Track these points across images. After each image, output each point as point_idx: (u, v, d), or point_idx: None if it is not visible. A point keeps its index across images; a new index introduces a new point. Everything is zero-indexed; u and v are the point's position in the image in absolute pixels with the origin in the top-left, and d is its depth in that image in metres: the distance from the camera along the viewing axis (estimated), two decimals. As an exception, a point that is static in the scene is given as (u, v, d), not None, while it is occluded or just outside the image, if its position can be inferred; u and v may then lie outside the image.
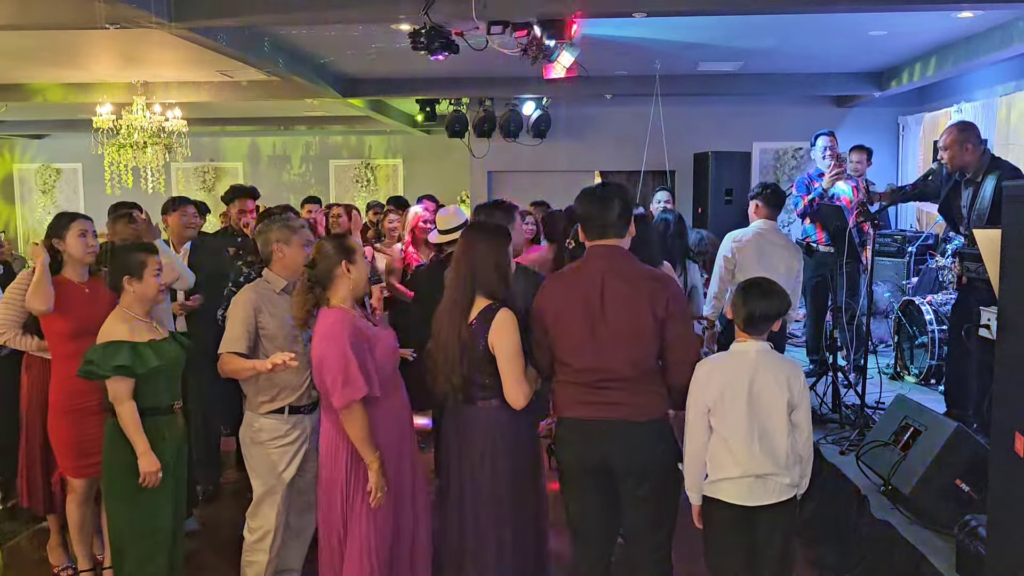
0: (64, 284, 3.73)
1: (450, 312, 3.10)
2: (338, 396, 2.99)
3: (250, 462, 3.47)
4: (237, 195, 5.52)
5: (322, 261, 3.14)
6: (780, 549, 2.90)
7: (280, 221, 3.55)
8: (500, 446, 3.10)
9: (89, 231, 3.80)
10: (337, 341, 3.01)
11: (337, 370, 2.99)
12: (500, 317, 3.02)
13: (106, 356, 3.18)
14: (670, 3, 5.76)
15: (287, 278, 3.46)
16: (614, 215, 2.96)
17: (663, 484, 2.97)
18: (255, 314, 3.35)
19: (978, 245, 3.23)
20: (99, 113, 8.84)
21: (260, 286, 3.46)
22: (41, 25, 5.91)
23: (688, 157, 9.79)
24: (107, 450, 3.31)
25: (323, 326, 3.11)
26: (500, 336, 3.01)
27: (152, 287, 3.34)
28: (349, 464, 3.10)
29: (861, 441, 4.52)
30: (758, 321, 2.87)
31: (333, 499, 3.13)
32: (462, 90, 9.71)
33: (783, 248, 5.22)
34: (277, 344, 3.33)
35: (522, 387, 3.02)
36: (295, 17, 5.85)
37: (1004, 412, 2.63)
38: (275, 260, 3.49)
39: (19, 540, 4.46)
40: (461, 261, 3.12)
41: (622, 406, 2.90)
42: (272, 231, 3.50)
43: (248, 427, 3.44)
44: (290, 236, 3.49)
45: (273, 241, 3.48)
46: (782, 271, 4.92)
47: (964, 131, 4.61)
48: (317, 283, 3.13)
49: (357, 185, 14.09)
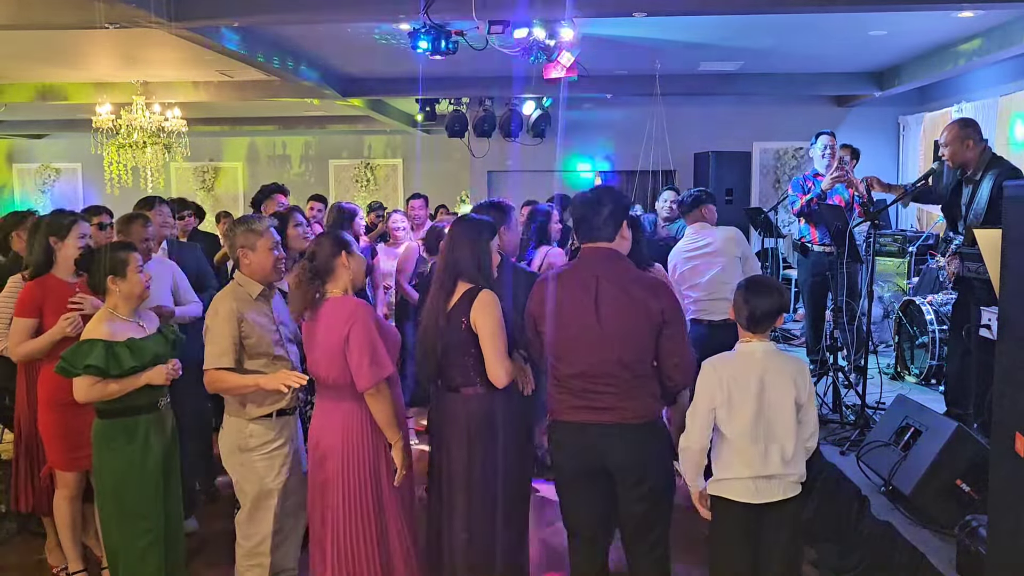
0: (54, 283, 3.71)
1: (434, 299, 3.20)
2: (366, 376, 3.02)
3: (240, 469, 3.37)
4: (268, 194, 5.52)
5: (321, 253, 3.17)
6: (786, 548, 2.90)
7: (244, 226, 3.43)
8: (479, 433, 3.16)
9: (89, 235, 3.79)
10: (363, 323, 3.07)
11: (363, 351, 3.02)
12: (482, 297, 3.12)
13: (79, 355, 3.17)
14: (670, 3, 5.77)
15: (259, 282, 3.39)
16: (601, 218, 2.97)
17: (659, 484, 2.99)
18: (238, 324, 3.27)
19: (978, 245, 3.22)
20: (99, 113, 8.84)
21: (238, 292, 3.37)
22: (41, 25, 5.91)
23: (688, 157, 9.81)
24: (96, 451, 3.30)
25: (342, 312, 3.12)
26: (481, 314, 3.10)
27: (137, 284, 3.31)
28: (372, 456, 3.13)
29: (861, 441, 4.52)
30: (761, 319, 2.87)
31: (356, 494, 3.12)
32: (462, 90, 9.72)
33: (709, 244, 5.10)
34: (261, 351, 3.30)
35: (504, 365, 3.09)
36: (295, 17, 5.85)
37: (1004, 412, 2.62)
38: (243, 266, 3.41)
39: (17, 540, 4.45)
40: (444, 251, 3.24)
41: (616, 410, 2.91)
42: (236, 236, 3.41)
43: (236, 434, 3.35)
44: (255, 241, 3.38)
45: (239, 247, 3.39)
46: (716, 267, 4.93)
47: (965, 128, 4.59)
48: (317, 275, 3.15)
49: (357, 185, 14.09)
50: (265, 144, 14.21)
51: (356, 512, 3.12)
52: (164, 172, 10.12)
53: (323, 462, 3.18)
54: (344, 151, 14.17)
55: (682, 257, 5.10)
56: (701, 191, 5.34)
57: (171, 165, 12.77)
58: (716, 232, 5.10)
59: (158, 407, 3.37)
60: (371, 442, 3.15)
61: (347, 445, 3.13)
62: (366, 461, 3.13)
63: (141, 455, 3.27)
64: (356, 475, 3.12)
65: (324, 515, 3.17)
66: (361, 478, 3.12)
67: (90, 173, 13.79)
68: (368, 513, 3.13)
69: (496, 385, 3.12)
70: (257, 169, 14.01)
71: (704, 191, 5.36)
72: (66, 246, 3.72)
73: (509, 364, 3.12)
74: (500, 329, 3.10)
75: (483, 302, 3.12)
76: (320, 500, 3.20)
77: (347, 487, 3.12)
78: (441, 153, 12.97)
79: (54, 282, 3.72)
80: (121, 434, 3.27)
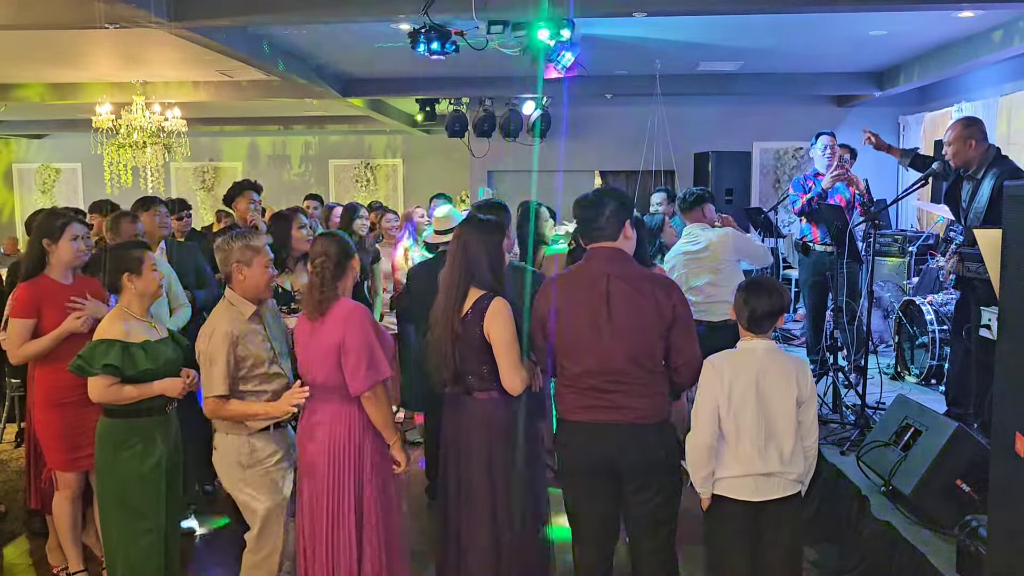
0: (47, 284, 3.69)
1: (445, 305, 3.16)
2: (362, 379, 3.02)
3: (245, 488, 3.26)
4: (242, 190, 5.41)
5: (337, 253, 3.16)
6: (786, 548, 2.90)
7: (242, 241, 3.26)
8: (498, 438, 3.14)
9: (82, 236, 3.75)
10: (360, 325, 3.07)
11: (361, 353, 3.03)
12: (494, 306, 3.08)
13: (97, 354, 3.17)
14: (670, 3, 5.77)
15: (251, 300, 3.26)
16: (603, 219, 2.98)
17: (666, 485, 2.98)
18: (233, 348, 3.16)
19: (978, 245, 3.22)
20: (99, 113, 8.84)
21: (231, 314, 3.23)
22: (41, 25, 5.91)
23: (688, 157, 9.80)
24: (100, 450, 3.30)
25: (339, 313, 3.11)
26: (495, 324, 3.06)
27: (152, 281, 3.34)
28: (355, 462, 3.11)
29: (862, 441, 4.52)
30: (761, 319, 2.88)
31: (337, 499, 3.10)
32: (462, 90, 9.72)
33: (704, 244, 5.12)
34: (257, 372, 3.23)
35: (519, 373, 3.08)
36: (294, 17, 5.85)
37: (1004, 412, 2.62)
38: (235, 281, 3.24)
39: (17, 540, 4.46)
40: (455, 255, 3.18)
41: (625, 409, 2.90)
42: (233, 250, 3.23)
43: (235, 451, 3.23)
44: (252, 257, 3.23)
45: (233, 261, 3.23)
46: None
47: (969, 126, 4.56)
48: (336, 276, 3.14)
49: (357, 185, 14.09)
50: (265, 144, 14.21)
51: (336, 517, 3.09)
52: (164, 172, 10.11)
53: (308, 466, 3.16)
54: (344, 151, 14.16)
55: (681, 259, 5.11)
56: (703, 190, 5.34)
57: (171, 165, 12.78)
58: (712, 234, 5.11)
59: (166, 411, 3.37)
60: (356, 447, 3.11)
61: (332, 450, 3.10)
62: (350, 469, 3.10)
63: (146, 456, 3.27)
64: (339, 482, 3.09)
65: (311, 517, 3.16)
66: (344, 486, 3.09)
67: (90, 173, 13.79)
68: (347, 519, 3.09)
69: (511, 393, 3.10)
70: (257, 169, 14.00)
71: (705, 190, 5.36)
72: (59, 248, 3.69)
73: (524, 373, 3.10)
74: (514, 339, 3.08)
75: (497, 311, 3.07)
76: (304, 503, 3.19)
77: (330, 493, 3.10)
78: (441, 153, 12.97)
79: (48, 283, 3.69)
80: (128, 434, 3.26)
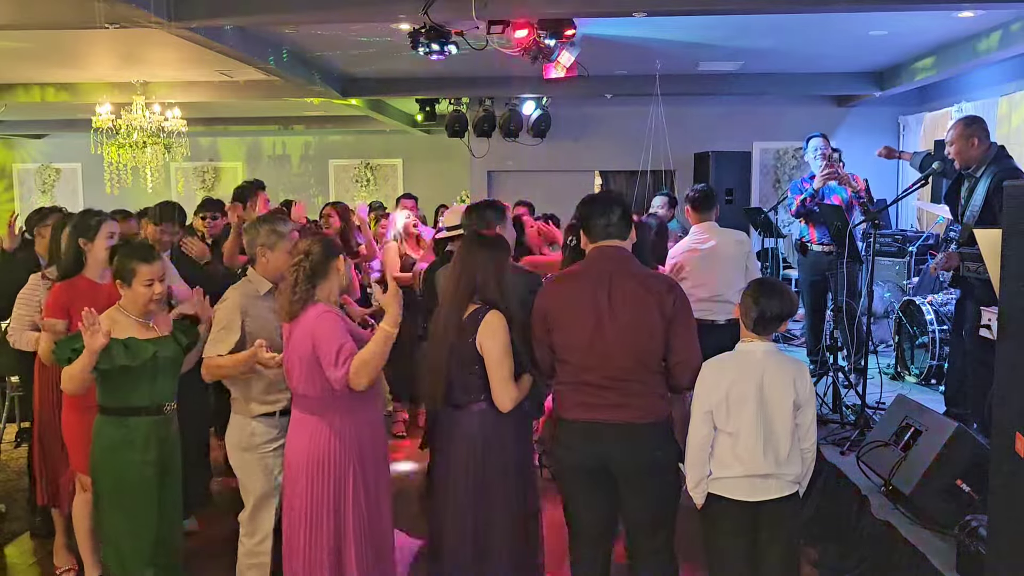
0: (84, 284, 3.68)
1: (446, 315, 3.12)
2: (339, 365, 2.97)
3: (245, 468, 3.39)
4: (254, 191, 5.45)
5: (318, 255, 3.12)
6: (785, 548, 2.90)
7: (268, 225, 3.49)
8: (487, 449, 3.09)
9: (117, 233, 3.78)
10: (327, 320, 3.04)
11: (331, 343, 2.98)
12: (488, 319, 3.04)
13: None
14: (670, 3, 5.76)
15: (271, 281, 3.40)
16: (616, 216, 3.02)
17: (665, 484, 2.98)
18: (241, 317, 3.29)
19: (978, 245, 3.22)
20: (98, 113, 8.84)
21: (245, 288, 3.41)
22: (41, 25, 5.91)
23: (688, 157, 9.80)
24: (93, 449, 3.28)
25: (308, 319, 3.08)
26: (488, 338, 3.02)
27: (142, 296, 3.25)
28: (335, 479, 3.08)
29: (861, 441, 4.52)
30: (769, 321, 2.88)
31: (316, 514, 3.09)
32: (462, 90, 9.72)
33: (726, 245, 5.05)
34: (268, 346, 3.26)
35: (509, 390, 3.03)
36: (295, 17, 5.85)
37: (1004, 412, 2.62)
38: (259, 263, 3.45)
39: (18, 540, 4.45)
40: (462, 268, 3.13)
41: (624, 408, 2.90)
42: (260, 234, 3.44)
43: (240, 431, 3.38)
44: (276, 242, 3.42)
45: (259, 244, 3.43)
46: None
47: (970, 125, 4.55)
48: (310, 278, 3.09)
49: (357, 185, 14.08)
50: (265, 144, 14.21)
51: (316, 528, 3.08)
52: (164, 172, 10.10)
53: (290, 478, 3.16)
54: (344, 151, 14.15)
55: (687, 256, 4.97)
56: (712, 190, 5.28)
57: (171, 165, 12.76)
58: (727, 234, 5.02)
59: (163, 411, 3.33)
60: (336, 462, 3.08)
61: (311, 465, 3.08)
62: (328, 484, 3.08)
63: (140, 455, 3.24)
64: (318, 496, 3.07)
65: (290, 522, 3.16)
66: (323, 501, 3.07)
67: (90, 173, 13.77)
68: (326, 532, 3.08)
69: (500, 410, 3.06)
70: (257, 169, 13.97)
71: (713, 191, 5.32)
72: (95, 247, 3.70)
73: (514, 391, 3.05)
74: (507, 355, 3.03)
75: (490, 325, 3.03)
76: (284, 507, 3.20)
77: (310, 506, 3.08)
78: (441, 153, 12.97)
79: (84, 284, 3.69)
80: (120, 432, 3.24)
